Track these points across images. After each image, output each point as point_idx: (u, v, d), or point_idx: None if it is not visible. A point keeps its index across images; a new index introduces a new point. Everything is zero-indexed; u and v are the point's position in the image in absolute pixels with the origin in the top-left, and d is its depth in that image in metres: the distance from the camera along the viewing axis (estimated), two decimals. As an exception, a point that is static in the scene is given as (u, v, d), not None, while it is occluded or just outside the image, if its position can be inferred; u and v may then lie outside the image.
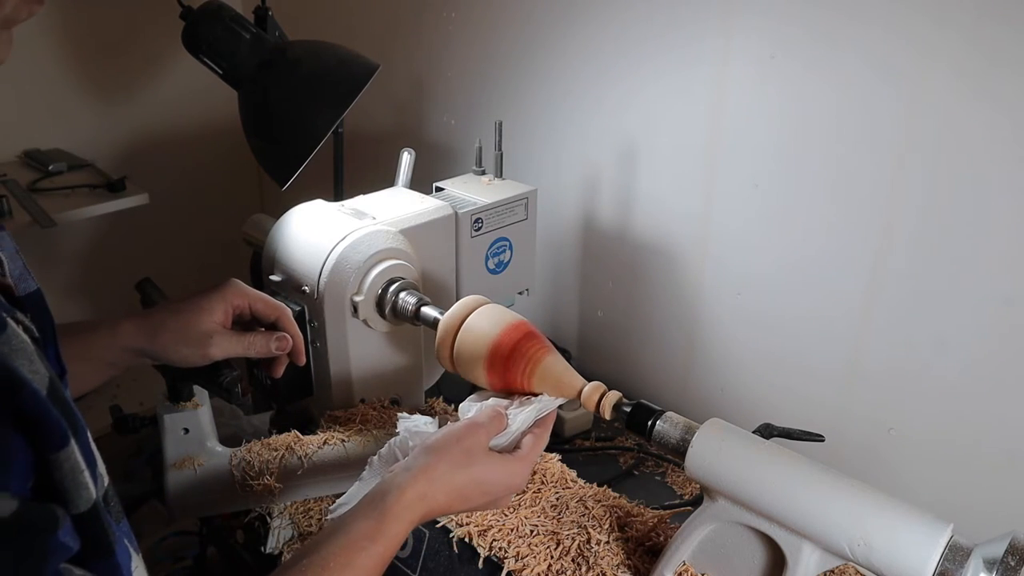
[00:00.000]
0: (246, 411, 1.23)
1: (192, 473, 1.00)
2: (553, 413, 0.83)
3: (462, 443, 0.76)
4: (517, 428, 0.80)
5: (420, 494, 0.72)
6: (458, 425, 0.79)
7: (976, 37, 0.94)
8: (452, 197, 1.22)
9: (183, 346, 0.89)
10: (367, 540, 0.68)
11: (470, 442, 0.76)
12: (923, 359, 1.09)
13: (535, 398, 0.84)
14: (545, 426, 0.82)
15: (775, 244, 1.21)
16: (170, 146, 2.05)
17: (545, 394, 0.84)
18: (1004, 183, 0.97)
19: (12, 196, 1.61)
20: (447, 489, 0.74)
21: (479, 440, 0.77)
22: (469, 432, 0.77)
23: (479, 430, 0.77)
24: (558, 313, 1.58)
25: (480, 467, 0.75)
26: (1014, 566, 0.62)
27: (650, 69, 1.28)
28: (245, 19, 1.35)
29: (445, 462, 0.74)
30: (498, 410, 0.81)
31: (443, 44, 1.62)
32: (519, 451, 0.79)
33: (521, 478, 0.79)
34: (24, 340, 0.48)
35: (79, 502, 0.49)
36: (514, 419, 0.80)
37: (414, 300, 1.02)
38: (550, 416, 0.83)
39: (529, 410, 0.81)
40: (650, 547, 0.86)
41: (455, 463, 0.74)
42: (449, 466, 0.74)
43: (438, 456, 0.74)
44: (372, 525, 0.69)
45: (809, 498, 0.70)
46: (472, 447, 0.76)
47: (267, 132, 1.33)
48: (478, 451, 0.76)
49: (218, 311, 0.90)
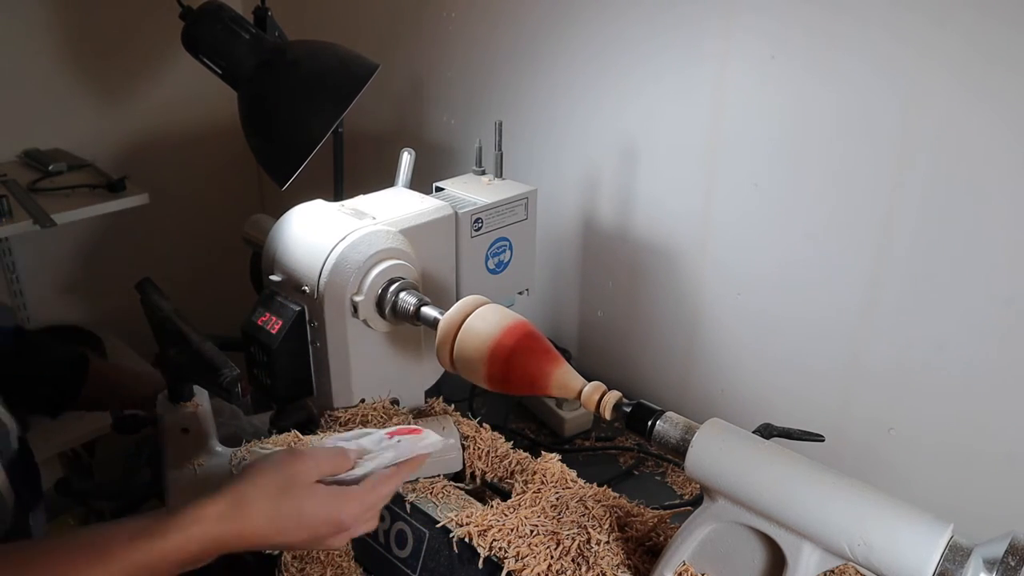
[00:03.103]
0: (246, 411, 1.23)
1: (192, 473, 1.00)
2: (420, 457, 0.78)
3: (281, 470, 0.70)
4: (366, 469, 0.75)
5: (219, 514, 0.66)
6: (286, 453, 0.73)
7: (976, 37, 0.94)
8: (452, 197, 1.22)
9: None
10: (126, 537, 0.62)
11: (292, 470, 0.70)
12: (923, 359, 1.09)
13: (409, 439, 0.78)
14: (402, 468, 0.77)
15: (775, 244, 1.21)
16: (170, 146, 2.05)
17: (430, 431, 0.79)
18: (1004, 183, 0.97)
19: (12, 196, 1.61)
20: (257, 516, 0.68)
21: (305, 470, 0.71)
22: (296, 461, 0.71)
23: (308, 461, 0.72)
24: (558, 313, 1.58)
25: (299, 499, 0.69)
26: (1014, 566, 0.62)
27: (650, 69, 1.28)
28: (245, 19, 1.35)
29: (257, 487, 0.69)
30: (343, 449, 0.76)
31: (443, 44, 1.62)
32: (353, 487, 0.73)
33: (351, 516, 0.72)
34: None
35: None
36: (367, 462, 0.75)
37: (414, 300, 1.02)
38: (410, 461, 0.77)
39: (388, 454, 0.76)
40: (650, 547, 0.86)
41: (269, 490, 0.69)
42: (261, 492, 0.68)
43: (251, 480, 0.69)
44: (142, 526, 0.64)
45: (809, 498, 0.70)
46: (293, 476, 0.70)
47: (267, 132, 1.33)
48: (300, 481, 0.70)
49: None
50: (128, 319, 1.67)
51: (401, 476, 0.77)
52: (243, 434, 1.13)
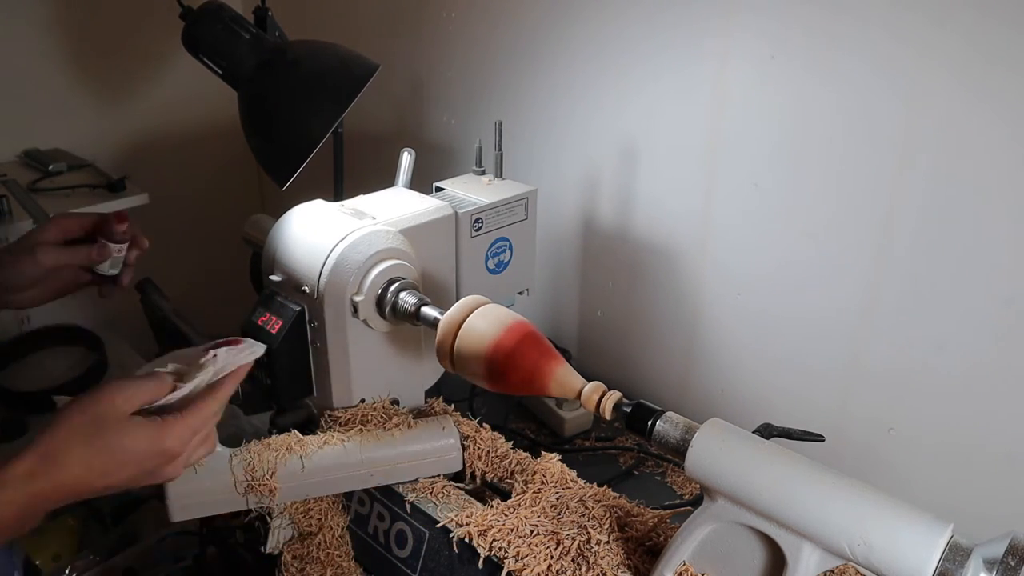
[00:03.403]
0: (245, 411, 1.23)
1: (192, 473, 1.00)
2: (244, 368, 0.75)
3: (88, 410, 0.67)
4: (192, 388, 0.71)
5: (28, 471, 0.64)
6: (93, 392, 0.69)
7: (976, 37, 0.94)
8: (452, 197, 1.22)
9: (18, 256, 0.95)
10: None
11: (100, 408, 0.67)
12: (923, 359, 1.09)
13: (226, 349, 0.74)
14: (227, 382, 0.74)
15: (775, 244, 1.21)
16: (170, 146, 2.05)
17: (251, 340, 0.76)
18: (1004, 183, 0.97)
19: (12, 196, 1.61)
20: (71, 464, 0.65)
21: (114, 406, 0.68)
22: (103, 398, 0.68)
23: (117, 395, 0.68)
24: (558, 313, 1.58)
25: (114, 434, 0.67)
26: (1014, 566, 0.62)
27: (650, 69, 1.28)
28: (245, 19, 1.35)
29: (65, 433, 0.66)
30: (157, 375, 0.72)
31: (443, 44, 1.62)
32: (174, 414, 0.70)
33: (177, 441, 0.70)
34: None
35: None
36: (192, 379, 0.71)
37: (414, 300, 1.02)
38: (239, 371, 0.74)
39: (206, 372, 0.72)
40: (650, 547, 0.86)
41: (79, 434, 0.66)
42: (70, 438, 0.66)
43: (57, 428, 0.66)
44: None
45: (809, 498, 0.70)
46: (103, 413, 0.67)
47: (267, 132, 1.33)
48: (111, 417, 0.67)
49: (49, 230, 0.98)
50: (128, 319, 1.68)
51: (226, 391, 0.74)
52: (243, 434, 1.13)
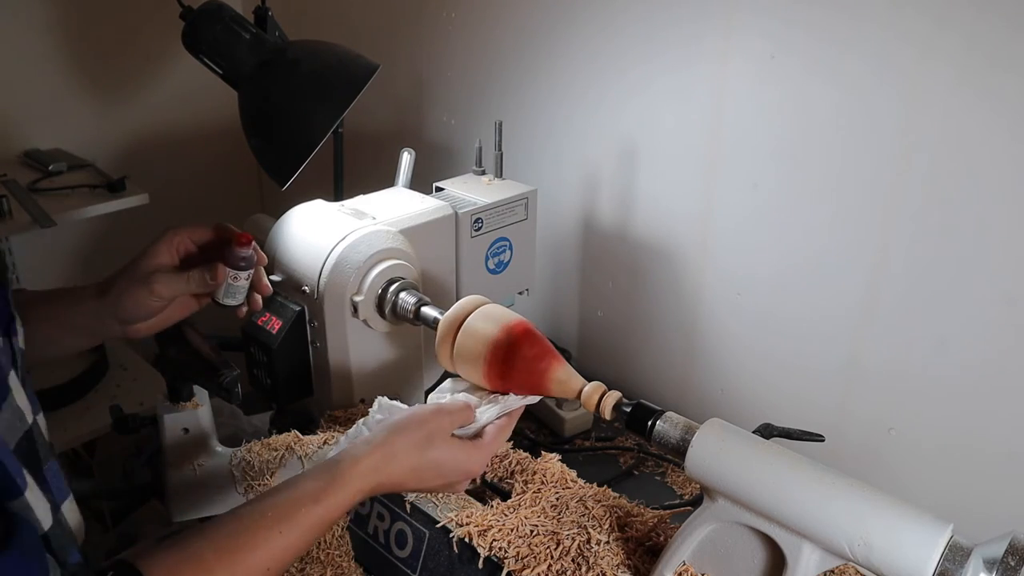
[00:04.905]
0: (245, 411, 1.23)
1: (192, 473, 1.01)
2: (520, 409, 0.86)
3: (425, 427, 0.79)
4: (483, 421, 0.83)
5: (373, 466, 0.75)
6: (426, 409, 0.81)
7: (976, 37, 0.94)
8: (452, 197, 1.22)
9: (132, 287, 0.88)
10: (311, 500, 0.71)
11: (433, 426, 0.79)
12: (923, 359, 1.09)
13: (503, 396, 0.86)
14: (510, 419, 0.85)
15: (775, 244, 1.21)
16: (170, 146, 2.05)
17: (513, 394, 0.87)
18: (1004, 183, 0.97)
19: (12, 196, 1.61)
20: (403, 466, 0.77)
21: (442, 425, 0.79)
22: (435, 417, 0.80)
23: (445, 417, 0.80)
24: (558, 313, 1.58)
25: (439, 451, 0.78)
26: (1014, 566, 0.62)
27: (650, 69, 1.28)
28: (245, 19, 1.35)
29: (404, 441, 0.77)
30: (468, 403, 0.83)
31: (443, 44, 1.62)
32: (480, 439, 0.82)
33: (478, 464, 0.82)
34: None
35: None
36: (481, 413, 0.83)
37: (414, 300, 1.02)
38: (517, 410, 0.86)
39: (496, 407, 0.84)
40: (650, 547, 0.86)
41: (414, 444, 0.77)
42: (408, 445, 0.77)
43: (399, 435, 0.78)
44: (320, 486, 0.72)
45: (809, 498, 0.70)
46: (434, 431, 0.79)
47: (267, 132, 1.33)
48: (439, 436, 0.79)
49: (162, 253, 0.90)
50: (128, 319, 1.67)
51: (511, 426, 0.86)
52: (243, 434, 1.13)
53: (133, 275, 0.89)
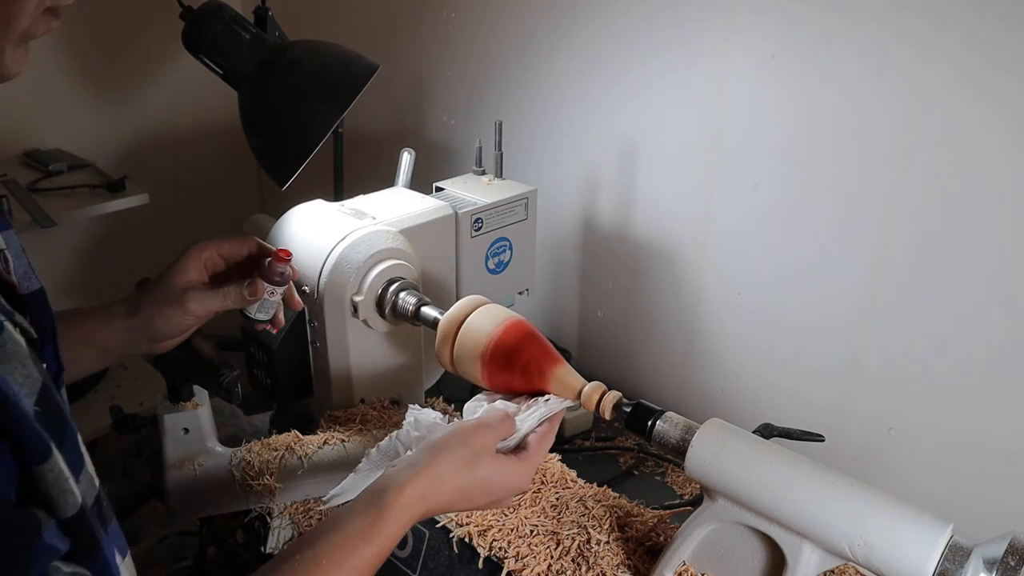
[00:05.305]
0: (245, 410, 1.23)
1: (192, 473, 1.01)
2: (560, 413, 0.83)
3: (469, 444, 0.74)
4: (524, 430, 0.79)
5: (421, 493, 0.70)
6: (467, 425, 0.77)
7: (976, 37, 0.94)
8: (452, 197, 1.22)
9: (165, 308, 0.86)
10: (362, 539, 0.67)
11: (478, 444, 0.75)
12: (923, 359, 1.09)
13: (541, 399, 0.83)
14: (552, 425, 0.81)
15: (775, 244, 1.21)
16: (170, 146, 2.05)
17: (552, 395, 0.83)
18: (1004, 183, 0.97)
19: (12, 196, 1.61)
20: (449, 489, 0.73)
21: (487, 442, 0.76)
22: (478, 433, 0.76)
23: (488, 432, 0.76)
24: (558, 313, 1.58)
25: (485, 469, 0.74)
26: (1014, 566, 0.62)
27: (650, 69, 1.28)
28: (245, 19, 1.35)
29: (450, 463, 0.73)
30: (507, 413, 0.80)
31: (443, 44, 1.62)
32: (524, 452, 0.78)
33: (525, 479, 0.78)
34: (19, 343, 0.49)
35: (66, 507, 0.49)
36: (522, 422, 0.79)
37: (414, 300, 1.02)
38: (557, 415, 0.82)
39: (537, 413, 0.80)
40: (650, 547, 0.86)
41: (460, 464, 0.73)
42: (454, 467, 0.73)
43: (443, 456, 0.73)
44: (368, 523, 0.68)
45: (809, 498, 0.70)
46: (479, 449, 0.75)
47: (267, 132, 1.33)
48: (485, 453, 0.75)
49: (191, 269, 0.88)
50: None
51: (553, 432, 0.82)
52: (243, 434, 1.13)
53: (164, 295, 0.87)
